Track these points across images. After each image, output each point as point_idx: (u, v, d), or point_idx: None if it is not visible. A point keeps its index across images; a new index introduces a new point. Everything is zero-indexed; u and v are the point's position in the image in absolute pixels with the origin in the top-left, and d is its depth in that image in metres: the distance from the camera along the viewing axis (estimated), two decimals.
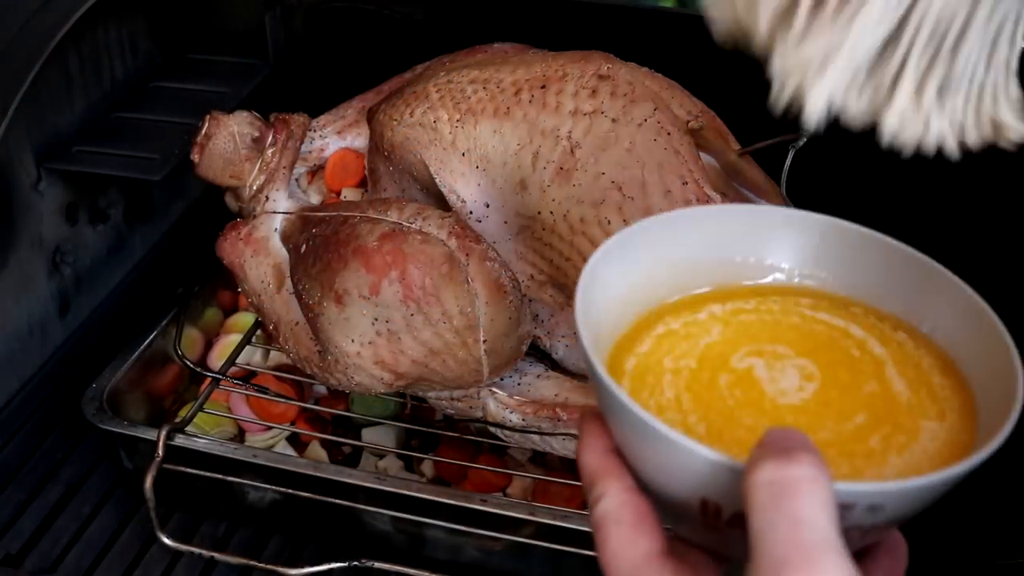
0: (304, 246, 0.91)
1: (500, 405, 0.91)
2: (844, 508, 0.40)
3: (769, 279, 0.54)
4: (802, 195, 0.99)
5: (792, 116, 0.45)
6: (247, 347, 1.06)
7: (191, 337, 1.10)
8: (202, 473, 0.92)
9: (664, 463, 0.43)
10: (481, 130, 0.89)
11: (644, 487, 0.46)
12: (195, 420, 0.98)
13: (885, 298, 0.52)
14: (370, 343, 0.85)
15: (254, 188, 0.98)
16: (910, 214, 1.17)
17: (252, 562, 0.90)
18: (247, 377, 1.06)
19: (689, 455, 0.41)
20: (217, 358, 1.09)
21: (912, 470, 0.45)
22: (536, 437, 0.92)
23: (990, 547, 0.97)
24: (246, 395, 1.04)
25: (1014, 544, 0.96)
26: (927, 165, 1.23)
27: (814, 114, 0.44)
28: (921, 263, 0.51)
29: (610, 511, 0.45)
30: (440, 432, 1.01)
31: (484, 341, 0.84)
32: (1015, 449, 1.07)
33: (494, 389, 0.91)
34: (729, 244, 0.53)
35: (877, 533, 0.44)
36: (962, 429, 0.47)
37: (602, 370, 0.45)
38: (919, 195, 1.15)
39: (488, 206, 0.90)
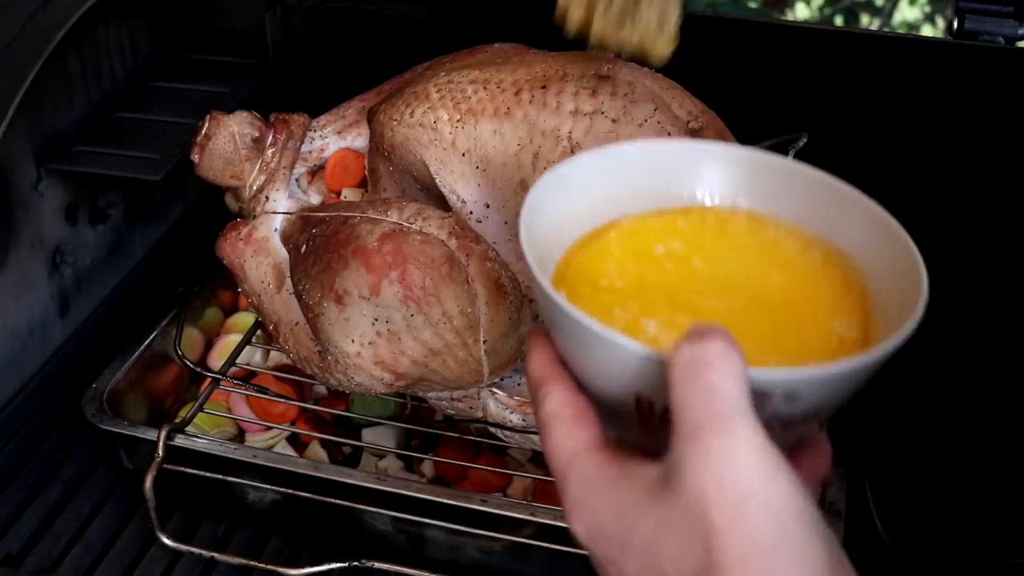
0: (304, 246, 0.90)
1: (500, 405, 0.91)
2: (762, 396, 0.43)
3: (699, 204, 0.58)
4: None
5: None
6: (247, 347, 1.06)
7: (191, 337, 1.10)
8: (202, 473, 0.92)
9: (599, 361, 0.46)
10: (481, 130, 0.89)
11: (585, 391, 0.49)
12: (195, 420, 0.98)
13: (806, 219, 0.55)
14: (370, 343, 0.85)
15: (254, 188, 0.98)
16: (909, 214, 1.16)
17: (252, 562, 0.90)
18: (247, 377, 1.06)
19: (619, 350, 0.44)
20: (217, 358, 1.09)
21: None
22: (536, 437, 0.92)
23: (990, 547, 0.97)
24: (246, 395, 1.04)
25: (1014, 544, 0.96)
26: (926, 166, 1.23)
27: None
28: (838, 188, 0.54)
29: (552, 410, 0.48)
30: (440, 432, 1.01)
31: (484, 341, 0.84)
32: (1015, 449, 1.07)
33: (494, 389, 0.91)
34: (662, 178, 0.57)
35: (798, 428, 0.47)
36: (869, 333, 0.51)
37: (541, 276, 0.47)
38: (918, 195, 1.15)
39: (488, 206, 0.90)
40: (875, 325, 0.51)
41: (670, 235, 0.55)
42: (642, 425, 0.47)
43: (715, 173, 0.57)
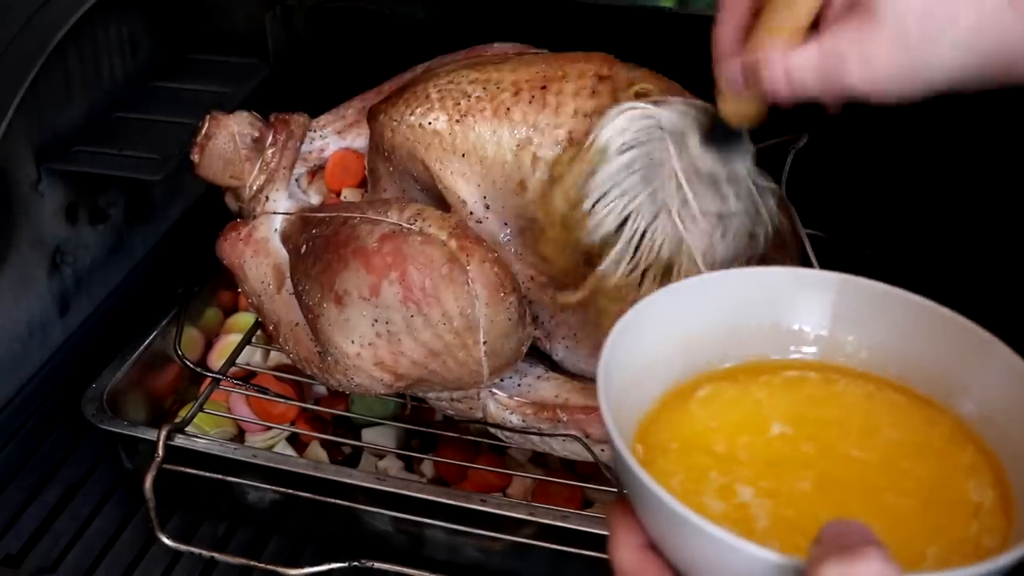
0: (304, 247, 0.91)
1: (500, 406, 0.91)
2: None
3: (796, 354, 0.53)
4: (802, 196, 0.99)
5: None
6: (247, 347, 1.06)
7: (191, 337, 1.10)
8: (202, 473, 0.92)
9: (713, 563, 0.42)
10: (481, 131, 0.89)
11: None
12: (195, 420, 0.98)
13: (915, 366, 0.51)
14: (370, 344, 0.85)
15: (254, 188, 0.98)
16: (909, 214, 1.17)
17: (252, 562, 0.90)
18: (247, 377, 1.06)
19: (743, 556, 0.40)
20: (217, 358, 1.09)
21: (967, 550, 0.45)
22: (536, 438, 0.92)
23: None
24: (246, 395, 1.04)
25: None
26: (925, 166, 1.23)
27: None
28: (950, 322, 0.50)
29: None
30: (440, 432, 1.01)
31: (484, 342, 0.84)
32: None
33: (494, 390, 0.91)
34: (743, 310, 0.52)
35: None
36: (1004, 491, 0.47)
37: (638, 467, 0.42)
38: (918, 195, 1.15)
39: (488, 207, 0.90)
40: (1008, 479, 0.47)
41: (769, 398, 0.51)
42: None
43: (799, 302, 0.52)
